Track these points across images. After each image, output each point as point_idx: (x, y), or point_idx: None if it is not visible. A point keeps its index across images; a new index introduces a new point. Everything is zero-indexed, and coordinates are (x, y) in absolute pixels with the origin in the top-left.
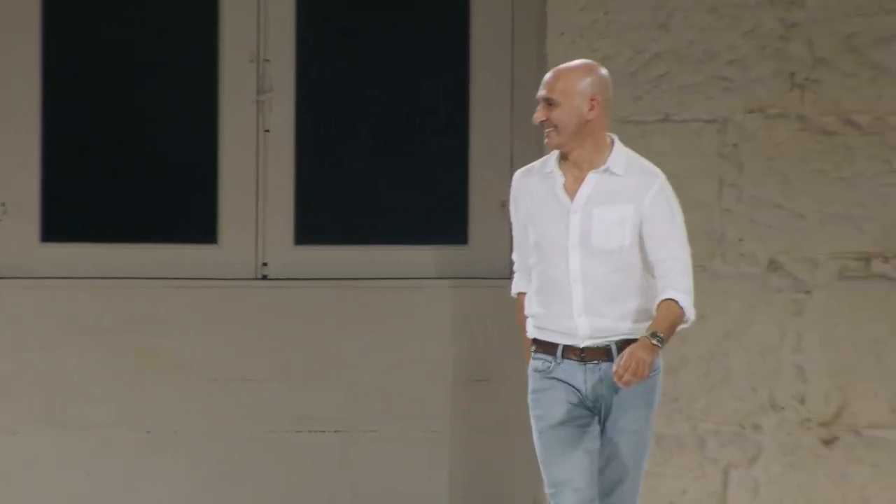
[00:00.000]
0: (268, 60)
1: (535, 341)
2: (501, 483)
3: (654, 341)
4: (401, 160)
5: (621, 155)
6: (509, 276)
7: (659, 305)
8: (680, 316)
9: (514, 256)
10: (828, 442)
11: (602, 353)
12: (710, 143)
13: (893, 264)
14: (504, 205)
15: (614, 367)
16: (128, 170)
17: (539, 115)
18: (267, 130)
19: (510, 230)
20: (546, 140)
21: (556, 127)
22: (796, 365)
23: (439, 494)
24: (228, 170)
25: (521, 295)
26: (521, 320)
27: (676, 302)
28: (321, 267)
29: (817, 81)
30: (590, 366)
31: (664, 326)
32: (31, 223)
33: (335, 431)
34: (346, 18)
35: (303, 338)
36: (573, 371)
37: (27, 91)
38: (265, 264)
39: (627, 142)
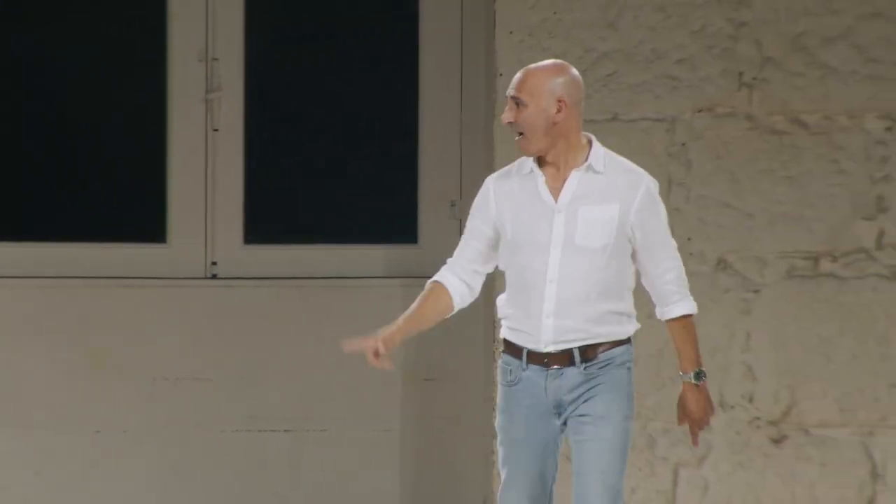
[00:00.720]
0: (216, 59)
1: (505, 342)
2: (452, 480)
3: (698, 382)
4: (351, 160)
5: (600, 153)
6: None
7: (672, 326)
8: (694, 325)
9: (455, 252)
10: (777, 441)
11: (565, 359)
12: (659, 142)
13: (842, 263)
14: (454, 204)
15: (680, 423)
16: (76, 168)
17: (507, 116)
18: (216, 129)
19: (459, 227)
20: (517, 146)
21: (523, 132)
22: (745, 364)
23: (390, 492)
24: (177, 168)
25: (433, 283)
26: (418, 301)
27: (689, 316)
28: (271, 266)
29: (765, 81)
30: (552, 371)
31: (694, 356)
32: None
33: (285, 431)
34: (294, 17)
35: (253, 337)
36: (536, 378)
37: None
38: (214, 263)
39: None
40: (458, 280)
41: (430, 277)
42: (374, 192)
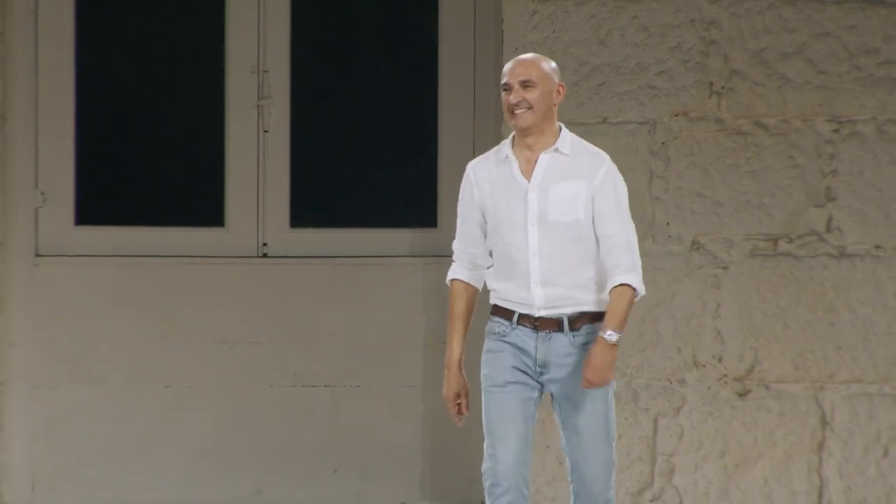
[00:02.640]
0: (266, 71)
1: (494, 307)
2: (464, 430)
3: (610, 340)
4: (380, 156)
5: (568, 138)
6: None
7: (611, 292)
8: (632, 297)
9: (455, 245)
10: (741, 394)
11: (554, 324)
12: (642, 141)
13: (797, 244)
14: None
15: (583, 380)
16: (149, 164)
17: (515, 97)
18: (266, 131)
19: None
20: (514, 121)
21: (531, 107)
22: (715, 329)
23: (413, 439)
24: (233, 164)
25: (456, 281)
26: (453, 304)
27: (628, 285)
28: (313, 246)
29: (732, 90)
30: (541, 334)
31: (617, 320)
32: (67, 209)
33: (325, 386)
34: (334, 35)
35: (297, 307)
36: (525, 337)
37: (63, 97)
38: (265, 244)
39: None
40: (469, 271)
41: (447, 256)
42: (400, 184)
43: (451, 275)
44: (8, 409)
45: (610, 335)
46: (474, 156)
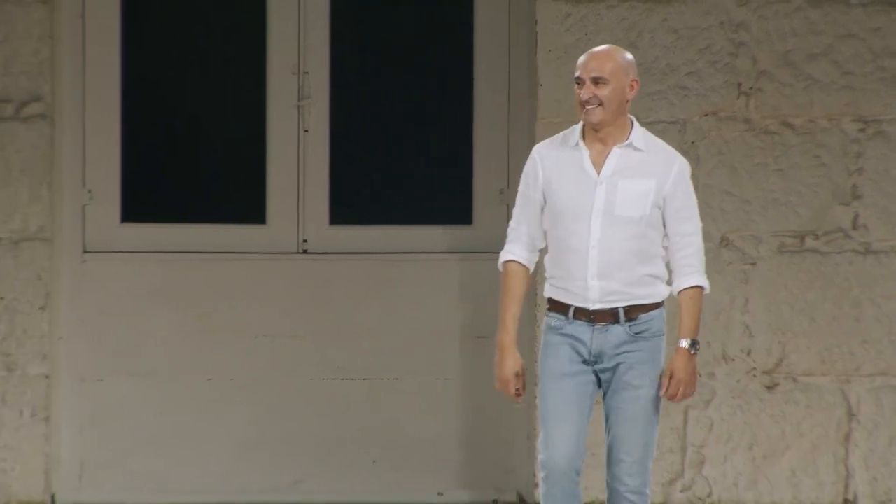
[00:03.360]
0: (307, 73)
1: (550, 300)
2: (499, 421)
3: (693, 351)
4: (416, 155)
5: (640, 133)
6: None
7: (682, 295)
8: (702, 299)
9: (513, 225)
10: (769, 387)
11: (610, 316)
12: (673, 140)
13: (823, 241)
14: (502, 192)
15: (662, 391)
16: (192, 163)
17: (586, 93)
18: (306, 130)
19: (507, 211)
20: (584, 116)
21: (601, 104)
22: (744, 324)
23: (449, 430)
24: (275, 163)
25: (512, 262)
26: (509, 286)
27: (699, 288)
28: (352, 243)
29: (760, 90)
30: (598, 327)
31: (695, 328)
32: (113, 207)
33: (364, 379)
34: (370, 39)
35: (336, 302)
36: (582, 330)
37: (109, 99)
38: (305, 241)
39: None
40: (526, 252)
41: (481, 252)
42: (436, 182)
43: (506, 255)
44: (56, 402)
45: (689, 344)
46: (508, 155)
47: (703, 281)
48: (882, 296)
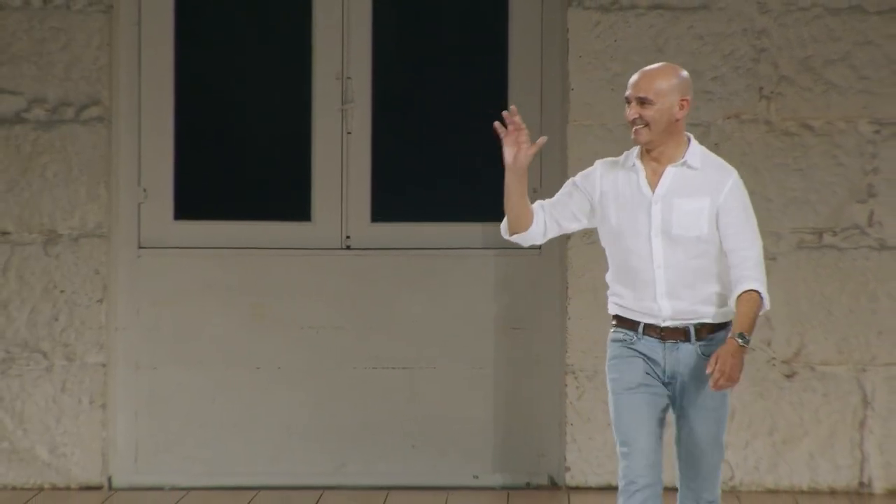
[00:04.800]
0: (350, 78)
1: (617, 317)
2: (532, 409)
3: (742, 342)
4: (455, 156)
5: (697, 151)
6: (539, 247)
7: (739, 298)
8: (759, 305)
9: (548, 203)
10: (789, 376)
11: (681, 334)
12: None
13: (840, 237)
14: (535, 191)
15: (707, 371)
16: (242, 163)
17: (632, 113)
18: (349, 132)
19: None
20: (634, 136)
21: (647, 124)
22: (764, 316)
23: (484, 418)
24: (319, 163)
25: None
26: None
27: (757, 292)
28: (393, 239)
29: (781, 94)
30: (668, 344)
31: (748, 324)
32: (167, 204)
33: (403, 368)
34: (410, 46)
35: (377, 295)
36: (653, 346)
37: (164, 102)
38: (348, 237)
39: (631, 144)
40: (542, 217)
41: (516, 248)
42: (473, 181)
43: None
44: (113, 389)
45: (740, 337)
46: (541, 156)
47: (759, 287)
48: None
